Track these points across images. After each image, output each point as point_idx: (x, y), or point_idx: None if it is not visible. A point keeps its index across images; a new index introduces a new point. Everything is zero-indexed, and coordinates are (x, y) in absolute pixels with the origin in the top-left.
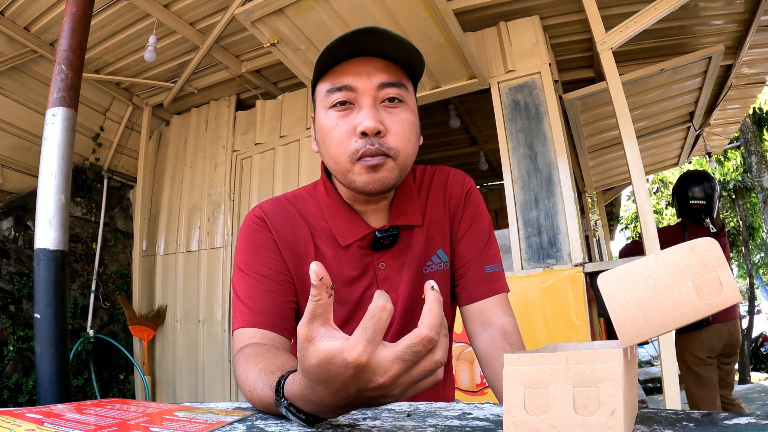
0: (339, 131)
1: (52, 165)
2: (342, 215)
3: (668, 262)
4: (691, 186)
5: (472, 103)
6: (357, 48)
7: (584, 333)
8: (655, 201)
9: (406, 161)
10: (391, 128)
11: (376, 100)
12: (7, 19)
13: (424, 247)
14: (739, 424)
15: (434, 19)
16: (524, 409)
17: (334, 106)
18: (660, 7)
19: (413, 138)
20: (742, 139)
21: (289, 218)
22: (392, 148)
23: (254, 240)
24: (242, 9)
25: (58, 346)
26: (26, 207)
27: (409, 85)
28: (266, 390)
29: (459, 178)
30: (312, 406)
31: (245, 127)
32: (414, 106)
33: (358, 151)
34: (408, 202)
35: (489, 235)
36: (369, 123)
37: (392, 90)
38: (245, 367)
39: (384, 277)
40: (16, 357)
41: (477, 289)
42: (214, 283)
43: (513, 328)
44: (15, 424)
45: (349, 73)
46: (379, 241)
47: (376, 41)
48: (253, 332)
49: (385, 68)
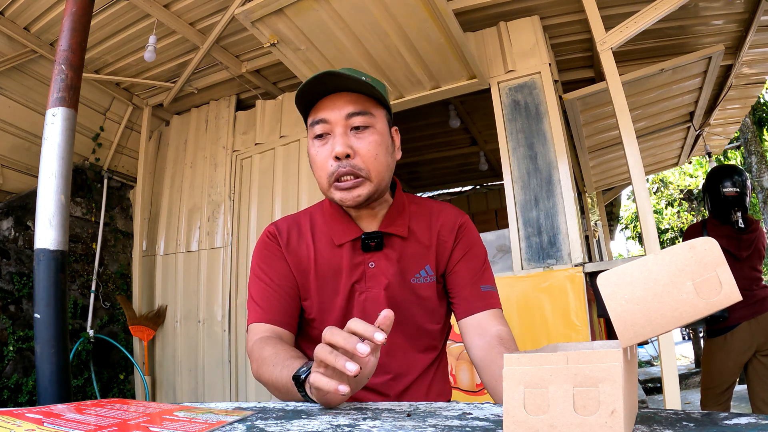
0: (320, 157)
1: (52, 165)
2: (338, 220)
3: (667, 261)
4: (722, 179)
5: (472, 103)
6: (330, 86)
7: (584, 333)
8: (655, 201)
9: (379, 176)
10: (359, 150)
11: (346, 128)
12: (7, 19)
13: (413, 260)
14: (739, 424)
15: (434, 19)
16: (524, 409)
17: (316, 137)
18: (660, 7)
19: (381, 156)
20: (742, 139)
21: (298, 231)
22: (362, 168)
23: (266, 252)
24: (242, 9)
25: (58, 346)
26: (26, 207)
27: (378, 110)
28: (284, 374)
29: (453, 213)
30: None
31: (245, 127)
32: (383, 128)
33: (333, 173)
34: (399, 216)
35: (484, 262)
36: (338, 148)
37: (359, 118)
38: (261, 354)
39: (371, 275)
40: (16, 357)
41: (474, 303)
42: (214, 283)
43: (508, 335)
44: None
45: (323, 108)
46: (366, 243)
47: (341, 80)
48: (264, 327)
49: (353, 100)
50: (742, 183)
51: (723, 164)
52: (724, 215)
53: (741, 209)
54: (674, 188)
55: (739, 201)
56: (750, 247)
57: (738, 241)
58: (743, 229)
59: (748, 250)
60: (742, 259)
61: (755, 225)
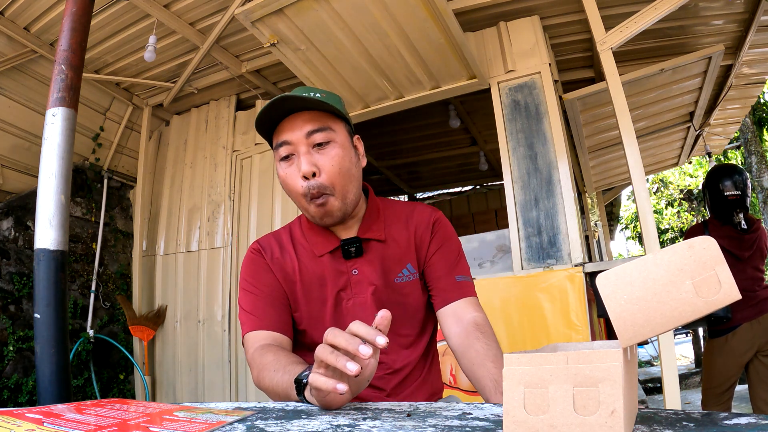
0: (290, 178)
1: (52, 165)
2: (316, 231)
3: (666, 261)
4: (723, 179)
5: (472, 103)
6: (286, 108)
7: (584, 333)
8: (655, 201)
9: (344, 190)
10: (323, 167)
11: (309, 146)
12: (7, 19)
13: (394, 261)
14: (739, 424)
15: (434, 19)
16: (524, 409)
17: (282, 158)
18: (660, 7)
19: (345, 168)
20: (742, 139)
21: (279, 245)
22: (327, 186)
23: (253, 266)
24: (242, 9)
25: (58, 346)
26: (26, 207)
27: (336, 124)
28: (285, 379)
29: (427, 211)
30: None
31: (245, 127)
32: (344, 140)
33: (306, 194)
34: (373, 221)
35: (459, 254)
36: (304, 167)
37: (318, 135)
38: (262, 361)
39: (356, 281)
40: (16, 357)
41: (450, 293)
42: (214, 283)
43: (484, 321)
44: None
45: (285, 130)
46: (346, 249)
47: (296, 102)
48: (261, 334)
49: (311, 119)
50: (743, 183)
51: (723, 164)
52: (725, 216)
53: (743, 210)
54: (674, 188)
55: (741, 202)
56: (752, 247)
57: (740, 242)
58: (746, 229)
59: (750, 251)
60: (744, 259)
61: (757, 225)
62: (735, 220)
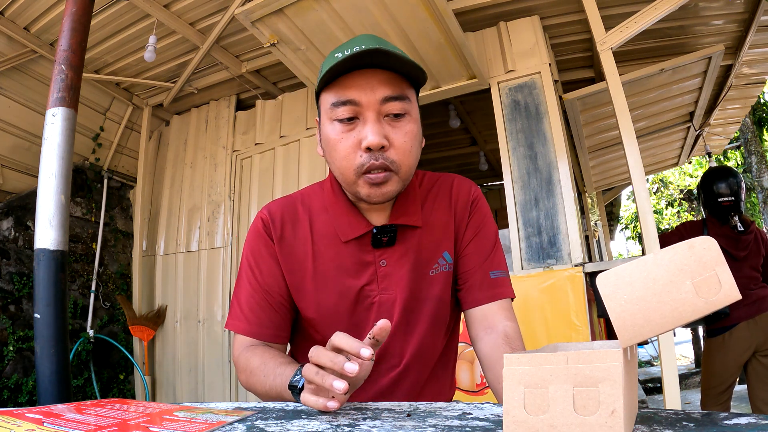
0: (344, 145)
1: (52, 165)
2: (344, 213)
3: (667, 261)
4: (716, 183)
5: (472, 103)
6: (363, 61)
7: (584, 333)
8: (655, 201)
9: (408, 172)
10: (394, 142)
11: (380, 114)
12: (7, 19)
13: (430, 250)
14: (739, 424)
15: (434, 19)
16: (524, 409)
17: (340, 120)
18: (660, 7)
19: (415, 149)
20: (742, 139)
21: (293, 219)
22: (395, 161)
23: (257, 244)
24: (242, 9)
25: (58, 346)
26: (26, 207)
27: (413, 94)
28: (278, 383)
29: (465, 186)
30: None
31: (245, 127)
32: (417, 115)
33: (363, 165)
34: (410, 203)
35: (495, 242)
36: (373, 139)
37: (396, 105)
38: (249, 365)
39: (384, 274)
40: (16, 357)
41: (481, 293)
42: (214, 283)
43: (515, 333)
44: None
45: (353, 87)
46: (378, 238)
47: (381, 57)
48: (251, 340)
49: (389, 81)
50: (737, 186)
51: (716, 167)
52: (720, 219)
53: (737, 213)
54: (674, 188)
55: (735, 207)
56: (747, 248)
57: (736, 242)
58: (742, 231)
59: (745, 251)
60: (740, 259)
61: (752, 226)
62: (731, 223)
